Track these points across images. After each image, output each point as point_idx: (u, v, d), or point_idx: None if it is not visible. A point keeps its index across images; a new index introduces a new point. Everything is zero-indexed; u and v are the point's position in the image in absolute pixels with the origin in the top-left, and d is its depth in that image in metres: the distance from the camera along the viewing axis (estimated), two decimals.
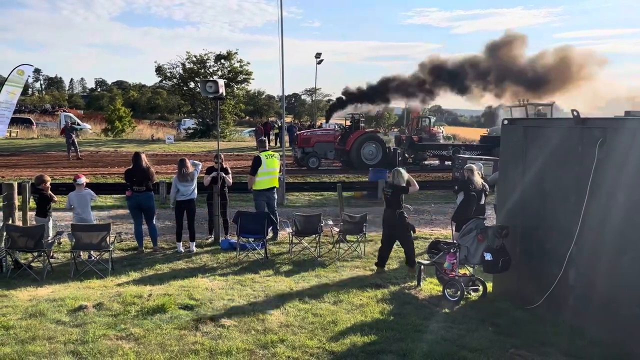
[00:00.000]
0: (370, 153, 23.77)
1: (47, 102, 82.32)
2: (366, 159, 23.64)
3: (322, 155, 23.65)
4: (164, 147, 31.86)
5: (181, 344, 5.04)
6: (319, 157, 23.40)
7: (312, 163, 23.03)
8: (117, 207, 13.36)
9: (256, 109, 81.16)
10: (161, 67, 42.98)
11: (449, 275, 6.90)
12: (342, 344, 5.19)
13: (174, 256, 8.89)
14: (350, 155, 23.64)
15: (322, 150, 23.61)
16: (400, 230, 8.06)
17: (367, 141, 23.91)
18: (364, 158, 23.65)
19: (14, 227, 8.04)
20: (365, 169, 22.49)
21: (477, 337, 5.43)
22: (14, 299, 6.34)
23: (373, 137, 24.40)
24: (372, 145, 23.89)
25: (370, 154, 23.77)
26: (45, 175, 9.03)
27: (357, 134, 23.96)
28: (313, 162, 23.07)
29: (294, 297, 6.57)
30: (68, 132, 24.67)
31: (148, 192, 9.05)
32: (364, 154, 23.71)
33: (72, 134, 24.95)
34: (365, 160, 23.60)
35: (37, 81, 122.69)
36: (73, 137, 24.52)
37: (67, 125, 26.04)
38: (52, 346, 4.92)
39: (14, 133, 37.29)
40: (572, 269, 5.75)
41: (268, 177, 9.85)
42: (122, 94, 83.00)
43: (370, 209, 13.44)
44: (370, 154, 23.77)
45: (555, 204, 6.04)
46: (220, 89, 9.68)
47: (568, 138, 5.87)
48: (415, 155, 25.46)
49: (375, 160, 23.65)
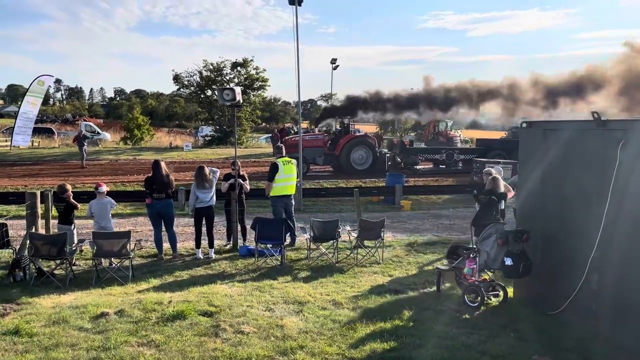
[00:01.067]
0: (360, 158, 23.53)
1: (67, 111, 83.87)
2: (356, 164, 23.44)
3: (310, 161, 23.15)
4: (182, 154, 32.18)
5: (201, 351, 5.07)
6: (308, 163, 22.77)
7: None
8: (137, 214, 13.52)
9: (272, 116, 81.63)
10: (178, 76, 43.50)
11: (468, 280, 6.82)
12: (362, 351, 5.16)
13: (193, 263, 8.96)
14: (339, 160, 23.35)
15: (310, 156, 23.06)
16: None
17: (357, 146, 23.64)
18: (353, 163, 23.41)
19: (37, 235, 8.18)
20: (355, 174, 22.31)
21: (498, 343, 5.36)
22: (37, 306, 6.45)
23: (363, 142, 24.04)
24: (361, 150, 23.61)
25: (360, 159, 23.53)
26: (66, 184, 9.19)
27: (347, 139, 23.67)
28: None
29: (313, 304, 6.57)
30: (80, 140, 25.17)
31: (167, 199, 9.14)
32: (354, 158, 23.46)
33: (85, 142, 25.42)
34: (354, 165, 23.39)
35: (58, 91, 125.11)
36: (85, 146, 24.99)
37: (80, 135, 26.51)
38: (75, 353, 4.99)
39: (36, 143, 38.00)
40: (595, 273, 5.64)
41: (285, 183, 9.89)
42: (140, 103, 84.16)
43: (387, 214, 13.42)
44: (360, 159, 23.53)
45: (576, 208, 5.95)
46: (237, 97, 9.76)
47: (589, 140, 5.79)
48: (407, 159, 25.03)
49: (366, 165, 23.45)
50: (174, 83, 44.40)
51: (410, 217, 14.22)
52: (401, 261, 9.19)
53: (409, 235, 11.62)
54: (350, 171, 22.89)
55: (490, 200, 8.43)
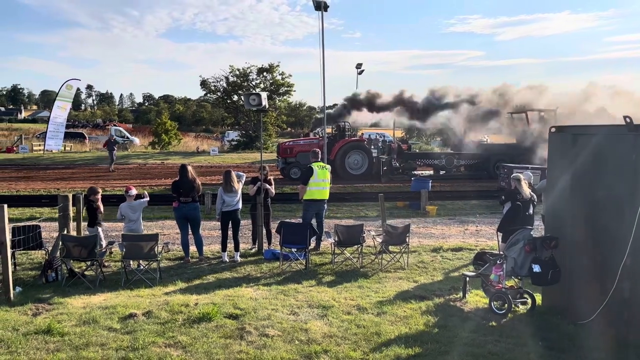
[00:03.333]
0: (356, 162, 23.26)
1: (98, 117, 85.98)
2: (351, 169, 23.17)
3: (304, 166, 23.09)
4: (208, 158, 32.60)
5: (227, 353, 5.13)
6: (301, 168, 22.88)
7: (294, 174, 21.91)
8: (165, 218, 13.75)
9: (297, 121, 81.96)
10: (206, 81, 44.21)
11: (495, 287, 6.73)
12: (386, 356, 5.14)
13: (219, 266, 9.06)
14: (334, 165, 22.80)
15: (305, 160, 22.79)
16: None
17: (352, 150, 23.34)
18: (348, 167, 23.15)
19: (68, 237, 8.40)
20: (350, 179, 21.98)
21: (526, 352, 5.27)
22: (68, 307, 6.61)
23: (358, 146, 23.69)
24: (357, 154, 23.32)
25: (355, 164, 23.25)
26: (97, 187, 9.42)
27: (342, 143, 23.39)
28: (295, 172, 22.00)
29: (337, 308, 6.57)
30: (111, 145, 25.76)
31: (194, 203, 9.28)
32: (349, 163, 23.20)
33: (114, 147, 26.00)
34: (349, 169, 23.12)
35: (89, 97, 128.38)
36: (115, 150, 25.56)
37: (111, 139, 27.14)
38: (104, 352, 5.11)
39: (68, 147, 39.06)
40: (627, 281, 5.50)
41: (319, 188, 9.91)
42: (168, 108, 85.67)
43: (413, 220, 13.32)
44: (356, 164, 23.26)
45: (607, 214, 5.81)
46: (263, 102, 9.85)
47: (620, 145, 5.66)
48: (404, 164, 24.55)
49: (361, 170, 23.15)
50: (201, 88, 45.25)
51: (436, 222, 14.09)
52: (426, 267, 9.12)
53: (434, 240, 11.52)
54: (345, 176, 22.53)
55: (515, 205, 8.30)
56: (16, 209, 13.91)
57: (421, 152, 26.96)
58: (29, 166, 27.56)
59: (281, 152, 23.64)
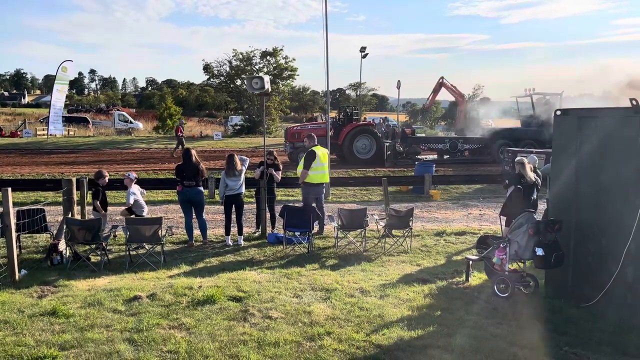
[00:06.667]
0: (364, 147, 23.18)
1: (102, 101, 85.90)
2: (359, 153, 23.10)
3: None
4: (212, 143, 32.57)
5: (230, 334, 5.16)
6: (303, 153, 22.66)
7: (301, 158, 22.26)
8: (168, 202, 13.78)
9: (301, 105, 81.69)
10: (209, 65, 43.96)
11: (498, 270, 6.73)
12: (389, 338, 5.17)
13: (223, 249, 9.10)
14: (342, 149, 23.02)
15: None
16: None
17: (360, 134, 23.28)
18: (356, 152, 23.08)
19: (73, 220, 8.43)
20: (358, 163, 21.92)
21: (528, 334, 5.28)
22: (73, 289, 6.67)
23: (366, 131, 23.61)
24: (365, 138, 23.24)
25: (363, 148, 23.18)
26: (104, 171, 9.47)
27: (350, 127, 23.30)
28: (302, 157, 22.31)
29: (340, 291, 6.59)
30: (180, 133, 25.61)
31: (198, 187, 9.29)
32: (357, 147, 23.12)
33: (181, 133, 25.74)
34: (357, 154, 23.05)
35: (92, 82, 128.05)
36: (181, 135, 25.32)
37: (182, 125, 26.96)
38: (109, 334, 5.15)
39: (71, 132, 39.07)
40: (630, 265, 5.49)
41: (320, 172, 9.91)
42: (171, 92, 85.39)
43: (416, 204, 13.31)
44: (364, 148, 23.18)
45: (612, 198, 5.78)
46: (266, 85, 9.79)
47: (627, 128, 5.60)
48: (408, 149, 24.41)
49: (369, 154, 23.07)
50: (204, 73, 45.00)
51: (439, 206, 14.08)
52: (430, 251, 9.13)
53: (438, 224, 11.52)
54: (353, 160, 22.50)
55: (519, 189, 8.27)
56: (20, 193, 13.98)
57: (425, 137, 26.74)
58: (33, 150, 27.62)
59: (289, 137, 23.64)
